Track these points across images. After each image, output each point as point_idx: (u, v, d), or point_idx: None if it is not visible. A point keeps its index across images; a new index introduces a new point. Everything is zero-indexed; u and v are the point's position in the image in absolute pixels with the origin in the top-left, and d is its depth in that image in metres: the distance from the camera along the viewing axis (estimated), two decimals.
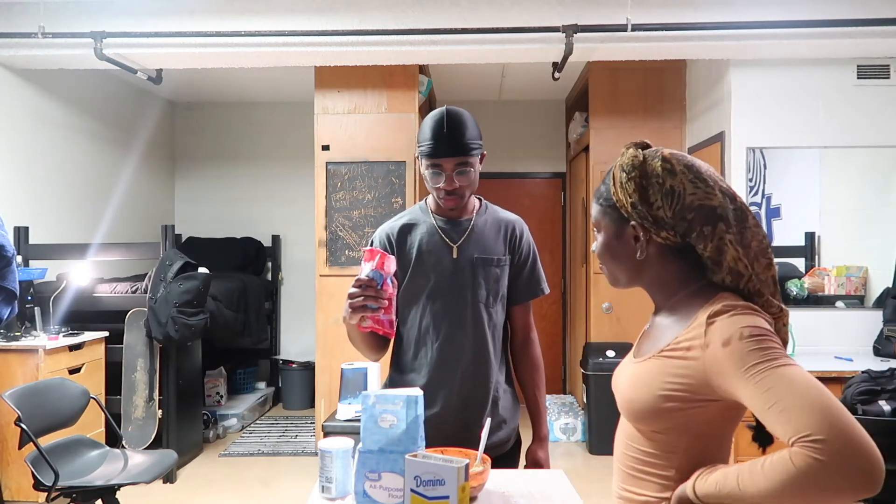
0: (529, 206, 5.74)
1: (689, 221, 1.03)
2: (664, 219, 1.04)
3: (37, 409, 2.65)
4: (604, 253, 1.14)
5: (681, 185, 1.04)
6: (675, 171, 1.05)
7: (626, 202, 1.06)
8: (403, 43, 3.60)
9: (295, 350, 5.91)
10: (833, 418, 0.82)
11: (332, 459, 1.38)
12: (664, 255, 1.08)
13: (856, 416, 2.65)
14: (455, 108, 1.68)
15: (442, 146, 1.62)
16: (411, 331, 1.73)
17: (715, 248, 1.02)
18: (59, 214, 4.43)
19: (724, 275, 1.03)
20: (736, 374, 0.91)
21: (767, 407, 0.87)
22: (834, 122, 3.71)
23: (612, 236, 1.11)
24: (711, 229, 1.02)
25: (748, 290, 1.03)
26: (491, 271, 1.72)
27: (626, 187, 1.06)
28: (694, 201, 1.03)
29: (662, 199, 1.04)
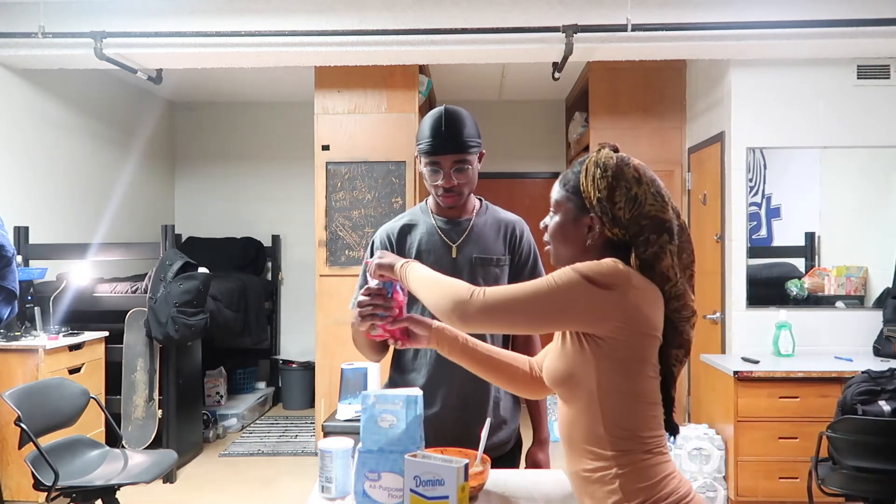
0: (529, 206, 5.72)
1: (642, 227, 1.17)
2: (621, 219, 1.17)
3: (37, 409, 2.65)
4: (556, 232, 1.27)
5: (644, 194, 1.17)
6: (642, 181, 1.18)
7: (594, 195, 1.19)
8: (403, 43, 3.60)
9: (295, 350, 5.91)
10: (497, 300, 1.14)
11: (332, 459, 1.38)
12: (605, 248, 1.20)
13: (856, 416, 2.65)
14: (454, 106, 1.69)
15: (440, 143, 1.62)
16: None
17: (653, 254, 1.16)
18: (59, 214, 4.43)
19: (656, 276, 1.17)
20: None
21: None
22: (834, 122, 3.71)
23: (569, 220, 1.24)
24: (657, 238, 1.16)
25: (670, 292, 1.17)
26: (490, 271, 1.72)
27: (597, 183, 1.19)
28: (651, 211, 1.17)
29: (626, 203, 1.17)
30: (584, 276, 1.11)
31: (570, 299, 1.11)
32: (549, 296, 1.12)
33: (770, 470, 3.21)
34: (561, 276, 1.13)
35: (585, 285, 1.11)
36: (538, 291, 1.13)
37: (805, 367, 3.23)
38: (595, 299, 1.11)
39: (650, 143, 4.46)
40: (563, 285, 1.12)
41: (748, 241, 3.77)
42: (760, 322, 3.65)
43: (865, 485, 2.59)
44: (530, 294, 1.13)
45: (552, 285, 1.12)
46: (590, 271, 1.12)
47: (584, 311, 1.12)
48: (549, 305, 1.12)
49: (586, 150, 4.69)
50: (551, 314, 1.13)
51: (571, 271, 1.12)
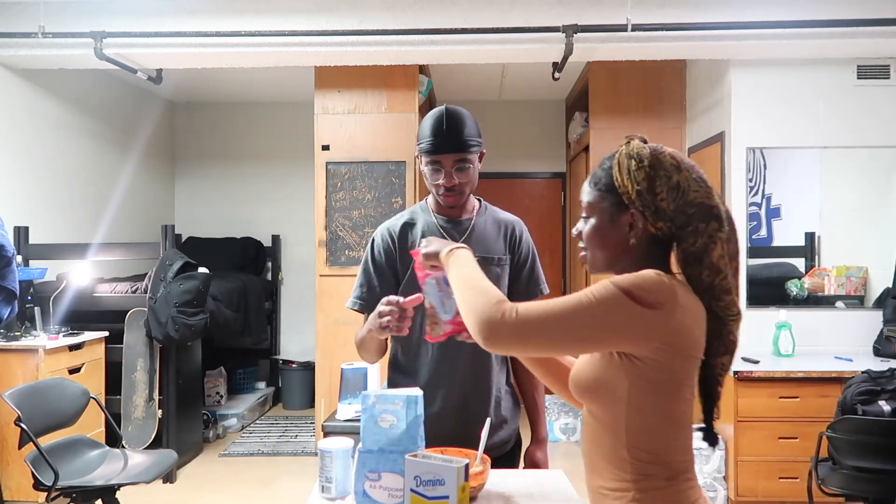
0: (529, 206, 5.74)
1: (689, 216, 1.08)
2: (665, 210, 1.08)
3: (37, 408, 2.65)
4: (593, 236, 1.17)
5: (686, 181, 1.09)
6: (682, 167, 1.10)
7: (632, 189, 1.10)
8: (403, 43, 3.60)
9: (295, 350, 5.91)
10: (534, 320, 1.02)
11: (332, 459, 1.38)
12: (649, 245, 1.12)
13: (856, 416, 2.65)
14: (454, 106, 1.69)
15: (441, 142, 1.62)
16: (412, 331, 1.72)
17: (703, 245, 1.07)
18: (59, 214, 4.43)
19: (704, 269, 1.08)
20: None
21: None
22: (834, 122, 3.71)
23: (606, 221, 1.14)
24: (705, 226, 1.08)
25: (721, 286, 1.08)
26: (492, 271, 1.72)
27: (634, 175, 1.10)
28: (696, 198, 1.08)
29: (668, 192, 1.08)
30: (625, 292, 1.01)
31: (611, 320, 1.01)
32: (588, 316, 1.01)
33: (770, 470, 3.21)
34: (600, 292, 1.02)
35: (628, 303, 1.01)
36: (576, 310, 1.01)
37: (805, 367, 3.23)
38: (638, 319, 1.01)
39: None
40: (604, 304, 1.01)
41: (748, 241, 3.78)
42: (760, 322, 3.65)
43: (865, 485, 2.59)
44: (567, 314, 1.01)
45: (591, 304, 1.01)
46: (632, 287, 1.01)
47: (625, 333, 1.03)
48: (588, 327, 1.02)
49: (586, 150, 4.69)
50: (590, 336, 1.03)
51: (611, 286, 1.02)
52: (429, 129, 1.65)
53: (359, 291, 1.75)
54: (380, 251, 1.74)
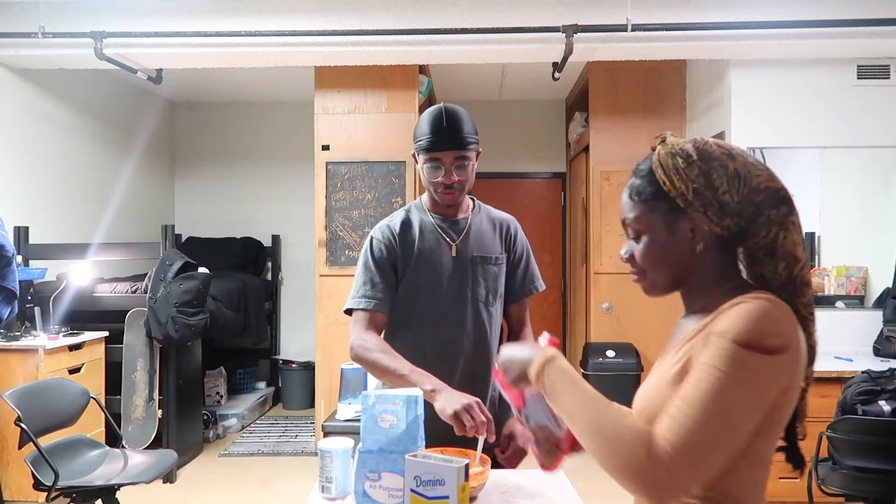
0: (529, 206, 5.74)
1: (758, 205, 0.96)
2: (730, 204, 0.96)
3: (37, 409, 2.64)
4: (650, 254, 1.02)
5: (744, 166, 0.98)
6: (733, 154, 0.99)
7: (688, 189, 0.97)
8: (403, 43, 3.60)
9: (295, 350, 5.91)
10: (692, 446, 0.84)
11: (332, 459, 1.38)
12: (715, 249, 0.99)
13: (856, 416, 2.65)
14: (451, 104, 1.69)
15: (441, 140, 1.62)
16: (411, 330, 1.72)
17: (775, 234, 0.96)
18: (59, 214, 4.43)
19: (779, 262, 0.96)
20: (701, 362, 0.88)
21: (682, 396, 0.88)
22: (834, 122, 3.71)
23: (662, 233, 1.01)
24: (776, 212, 0.96)
25: (801, 278, 0.96)
26: (490, 269, 1.72)
27: (685, 173, 0.98)
28: (761, 183, 0.97)
29: (728, 183, 0.96)
30: (750, 346, 0.86)
31: (757, 389, 0.85)
32: (734, 398, 0.85)
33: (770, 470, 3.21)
34: (726, 363, 0.85)
35: (762, 360, 0.85)
36: (719, 400, 0.84)
37: None
38: (778, 373, 0.86)
39: (650, 143, 4.45)
40: (739, 374, 0.85)
41: None
42: None
43: (865, 485, 2.59)
44: (715, 411, 0.84)
45: (728, 382, 0.85)
46: (754, 336, 0.86)
47: (772, 392, 0.87)
48: (742, 412, 0.85)
49: (586, 150, 4.69)
50: (749, 419, 0.86)
51: (732, 347, 0.86)
52: (428, 126, 1.64)
53: (363, 290, 1.70)
54: (381, 249, 1.71)
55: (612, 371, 4.20)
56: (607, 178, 4.48)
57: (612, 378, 4.20)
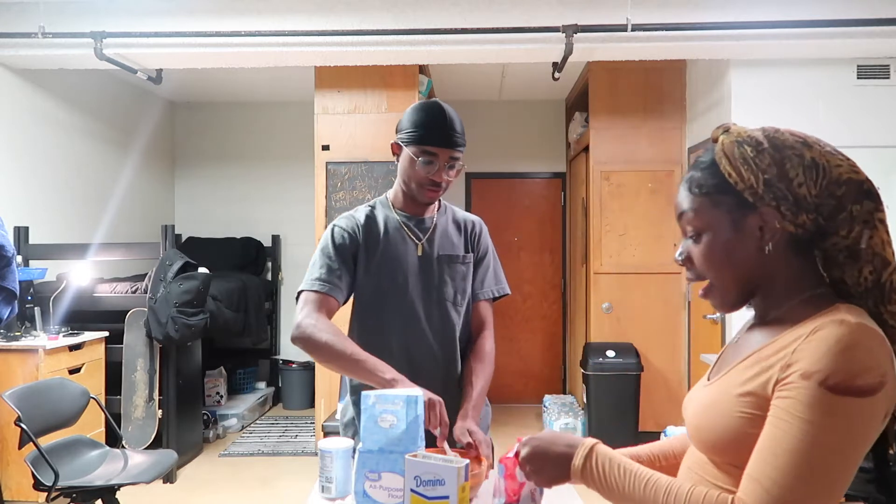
0: (529, 206, 5.74)
1: (839, 199, 0.85)
2: (806, 198, 0.85)
3: (37, 409, 2.65)
4: (712, 255, 0.91)
5: (822, 156, 0.87)
6: (809, 142, 0.88)
7: (758, 181, 0.87)
8: (403, 43, 3.60)
9: (295, 350, 5.87)
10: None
11: (332, 459, 1.38)
12: (788, 250, 0.88)
13: None
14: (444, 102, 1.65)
15: (441, 136, 1.57)
16: (376, 331, 1.66)
17: (859, 233, 0.85)
18: (59, 214, 4.43)
19: (864, 264, 0.85)
20: (787, 407, 0.79)
21: (764, 456, 0.79)
22: (834, 122, 3.71)
23: (726, 231, 0.90)
24: (860, 208, 0.85)
25: (891, 283, 0.85)
26: (457, 269, 1.69)
27: (755, 163, 0.87)
28: (842, 174, 0.86)
29: (805, 174, 0.85)
30: (844, 391, 0.76)
31: (854, 437, 0.76)
32: (831, 452, 0.76)
33: None
34: (817, 412, 0.76)
35: (856, 404, 0.76)
36: (818, 455, 0.76)
37: None
38: (872, 416, 0.77)
39: (650, 143, 4.46)
40: (835, 425, 0.76)
41: None
42: None
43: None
44: (811, 468, 0.76)
45: (821, 434, 0.76)
46: (847, 379, 0.76)
47: (869, 438, 0.78)
48: (842, 464, 0.76)
49: (586, 150, 4.69)
50: (849, 470, 0.77)
51: (822, 393, 0.76)
52: (425, 119, 1.58)
53: (319, 273, 1.62)
54: (343, 236, 1.65)
55: (612, 371, 4.20)
56: (607, 178, 4.48)
57: (612, 378, 4.20)
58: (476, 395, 1.61)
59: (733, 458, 0.87)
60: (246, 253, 5.72)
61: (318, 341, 1.53)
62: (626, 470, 0.89)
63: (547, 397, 5.02)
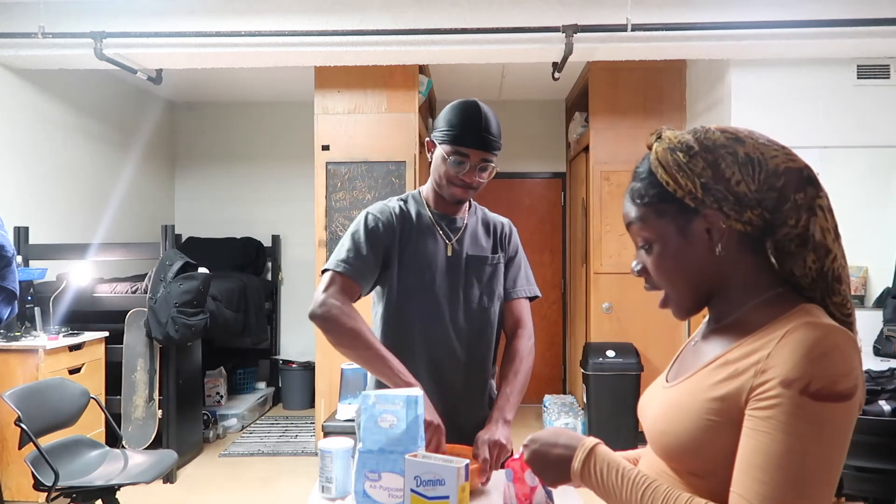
0: (529, 206, 5.74)
1: (780, 190, 0.84)
2: (747, 194, 0.85)
3: (37, 409, 2.64)
4: (664, 264, 0.91)
5: (755, 150, 0.85)
6: (741, 137, 0.87)
7: (696, 186, 0.86)
8: (403, 43, 3.60)
9: (295, 350, 5.91)
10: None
11: (332, 459, 1.38)
12: (741, 250, 0.88)
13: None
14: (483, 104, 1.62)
15: (477, 137, 1.55)
16: (400, 326, 1.64)
17: (805, 221, 0.84)
18: (59, 214, 4.43)
19: (808, 254, 0.84)
20: (769, 417, 0.77)
21: (750, 471, 0.77)
22: (834, 122, 3.71)
23: (674, 238, 0.89)
24: (804, 196, 0.84)
25: (833, 271, 0.84)
26: (484, 270, 1.68)
27: (689, 168, 0.86)
28: (779, 164, 0.85)
29: (741, 171, 0.85)
30: (822, 397, 0.75)
31: (835, 441, 0.76)
32: (817, 459, 0.75)
33: None
34: (798, 420, 0.75)
35: (835, 409, 0.75)
36: (806, 463, 0.75)
37: None
38: (850, 419, 0.77)
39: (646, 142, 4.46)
40: (818, 432, 0.75)
41: None
42: None
43: (865, 485, 2.59)
44: (798, 480, 0.75)
45: (806, 443, 0.75)
46: (825, 384, 0.75)
47: (848, 438, 0.78)
48: (827, 468, 0.75)
49: (586, 150, 4.69)
50: (835, 472, 0.76)
51: (801, 401, 0.75)
52: (462, 118, 1.57)
53: (347, 256, 1.57)
54: (378, 224, 1.61)
55: (612, 371, 4.20)
56: (607, 178, 4.48)
57: (612, 378, 4.20)
58: (505, 404, 1.59)
59: (693, 466, 0.86)
60: (246, 253, 5.72)
61: (344, 326, 1.52)
62: (624, 474, 0.87)
63: (547, 397, 5.02)
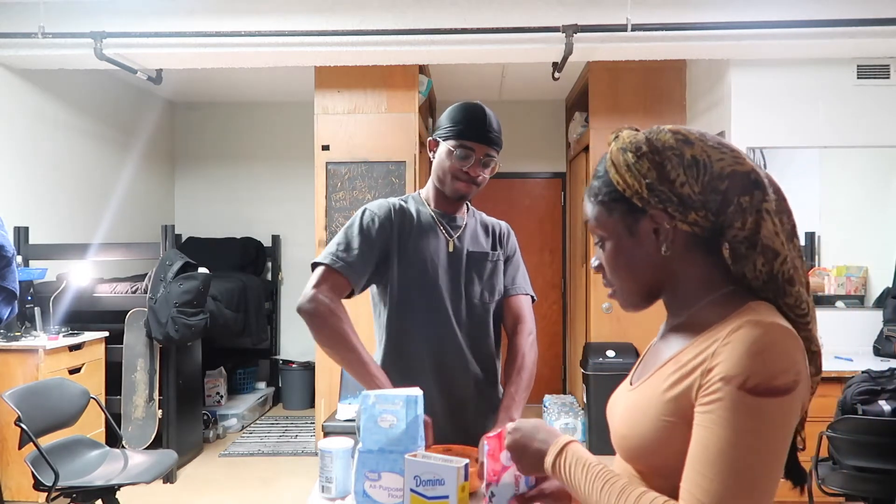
0: (529, 206, 5.74)
1: (724, 192, 0.85)
2: (691, 196, 0.86)
3: (37, 409, 2.65)
4: (614, 261, 0.94)
5: (703, 152, 0.87)
6: (690, 139, 0.88)
7: (641, 185, 0.88)
8: (403, 43, 3.60)
9: (295, 350, 5.91)
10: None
11: (332, 459, 1.38)
12: (689, 250, 0.89)
13: (856, 416, 2.65)
14: None
15: (480, 132, 1.61)
16: (405, 327, 1.65)
17: (753, 224, 0.85)
18: (59, 214, 4.43)
19: (758, 257, 0.85)
20: (710, 412, 0.79)
21: (695, 466, 0.79)
22: (834, 122, 3.71)
23: (624, 237, 0.92)
24: (749, 199, 0.85)
25: (782, 273, 0.85)
26: (485, 266, 1.71)
27: (636, 168, 0.89)
28: (724, 167, 0.86)
29: (686, 172, 0.86)
30: (762, 392, 0.76)
31: (779, 435, 0.78)
32: (762, 453, 0.77)
33: None
34: (742, 416, 0.76)
35: (777, 404, 0.77)
36: (751, 457, 0.76)
37: None
38: (795, 412, 0.79)
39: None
40: (761, 427, 0.76)
41: None
42: None
43: (865, 485, 2.59)
44: (738, 473, 0.76)
45: (750, 438, 0.76)
46: (764, 379, 0.76)
47: (791, 434, 0.80)
48: (774, 461, 0.78)
49: (586, 150, 4.69)
50: (778, 468, 0.79)
51: (743, 397, 0.76)
52: (465, 115, 1.63)
53: (338, 250, 1.59)
54: (374, 220, 1.63)
55: (611, 371, 4.20)
56: None
57: (612, 378, 4.20)
58: (510, 404, 1.59)
59: (655, 466, 0.87)
60: (246, 253, 5.72)
61: (330, 326, 1.52)
62: (588, 471, 0.89)
63: (547, 397, 5.02)
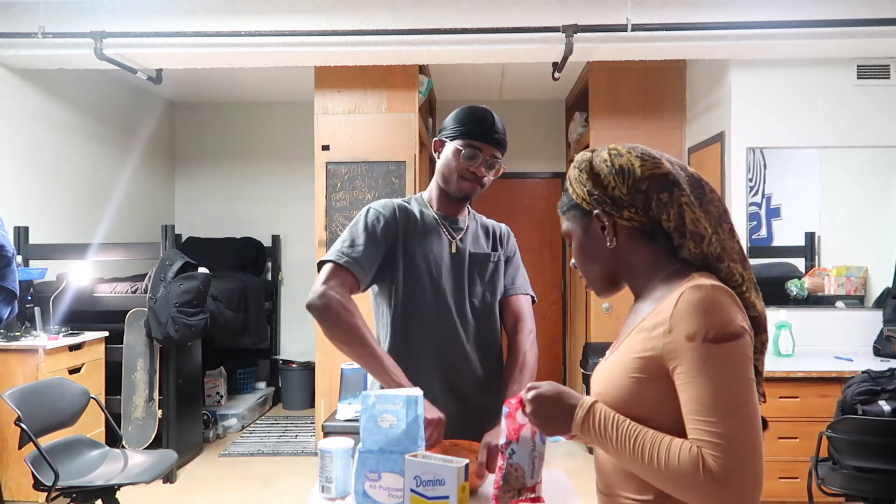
0: (529, 206, 5.74)
1: (645, 192, 1.05)
2: (621, 197, 1.06)
3: (37, 409, 2.65)
4: (580, 256, 1.16)
5: (628, 161, 1.07)
6: (622, 152, 1.09)
7: (584, 193, 1.10)
8: (403, 43, 3.60)
9: (295, 350, 5.91)
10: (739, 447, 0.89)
11: (332, 459, 1.39)
12: (635, 240, 1.09)
13: (856, 416, 2.65)
14: None
15: (487, 133, 1.64)
16: (410, 328, 1.66)
17: (677, 215, 1.03)
18: (59, 214, 4.43)
19: (688, 242, 1.03)
20: (689, 369, 0.94)
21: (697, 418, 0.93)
22: (834, 122, 3.71)
23: (581, 235, 1.14)
24: (668, 195, 1.04)
25: (711, 253, 1.03)
26: (487, 267, 1.73)
27: (580, 180, 1.11)
28: (644, 172, 1.06)
29: (615, 179, 1.07)
30: (718, 340, 0.93)
31: (746, 374, 0.93)
32: (738, 388, 0.92)
33: (770, 470, 3.21)
34: (715, 364, 0.92)
35: (733, 348, 0.93)
36: (728, 397, 0.91)
37: (805, 367, 3.23)
38: (749, 353, 0.95)
39: (650, 144, 4.35)
40: (729, 370, 0.92)
41: (748, 241, 3.78)
42: None
43: (865, 485, 2.59)
44: (730, 408, 0.90)
45: (730, 380, 0.92)
46: (717, 329, 0.93)
47: (751, 370, 0.95)
48: (748, 395, 0.92)
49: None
50: (753, 397, 0.93)
51: (707, 347, 0.92)
52: (474, 117, 1.65)
53: (347, 248, 1.60)
54: (379, 218, 1.64)
55: None
56: None
57: None
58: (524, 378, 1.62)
59: (627, 416, 1.00)
60: (246, 253, 5.72)
61: (343, 320, 1.54)
62: (618, 426, 0.99)
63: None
